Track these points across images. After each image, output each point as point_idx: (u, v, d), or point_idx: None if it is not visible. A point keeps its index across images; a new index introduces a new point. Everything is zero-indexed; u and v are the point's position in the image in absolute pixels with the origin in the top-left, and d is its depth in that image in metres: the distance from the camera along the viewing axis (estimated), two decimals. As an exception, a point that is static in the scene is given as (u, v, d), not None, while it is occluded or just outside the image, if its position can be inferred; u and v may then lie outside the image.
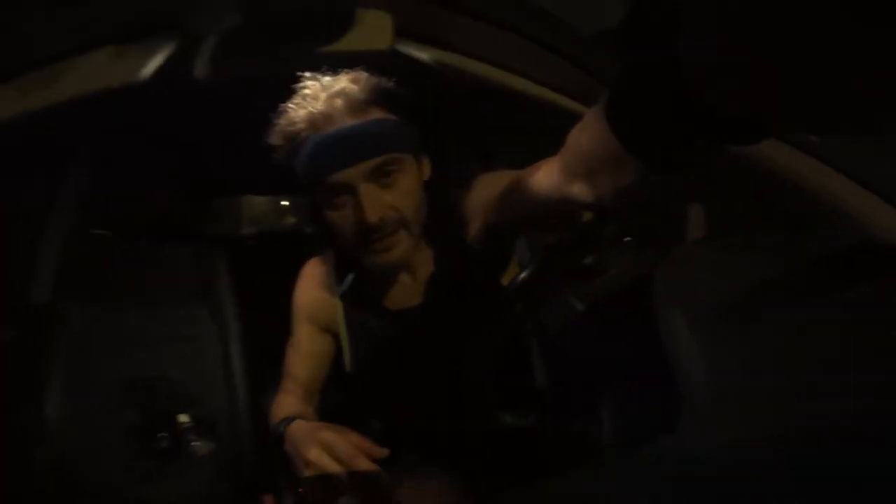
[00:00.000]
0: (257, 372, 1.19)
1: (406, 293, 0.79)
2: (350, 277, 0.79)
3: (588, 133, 0.38)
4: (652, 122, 0.30)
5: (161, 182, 1.46)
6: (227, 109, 1.26)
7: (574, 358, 0.65)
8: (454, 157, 1.36)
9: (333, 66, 0.73)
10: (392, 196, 0.67)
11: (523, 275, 0.56)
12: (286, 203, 2.25)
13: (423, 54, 0.75)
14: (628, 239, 0.59)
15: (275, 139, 0.71)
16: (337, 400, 0.92)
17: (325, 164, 0.65)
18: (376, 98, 0.69)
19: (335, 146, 0.65)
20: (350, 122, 0.66)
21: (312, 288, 0.85)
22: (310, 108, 0.66)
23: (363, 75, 0.70)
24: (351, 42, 0.69)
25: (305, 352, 0.85)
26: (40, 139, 1.18)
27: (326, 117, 0.65)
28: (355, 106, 0.67)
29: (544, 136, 1.24)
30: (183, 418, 1.04)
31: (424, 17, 0.71)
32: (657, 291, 0.40)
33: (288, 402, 0.83)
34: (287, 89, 0.76)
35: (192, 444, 1.02)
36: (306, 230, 2.62)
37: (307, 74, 0.70)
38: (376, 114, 0.68)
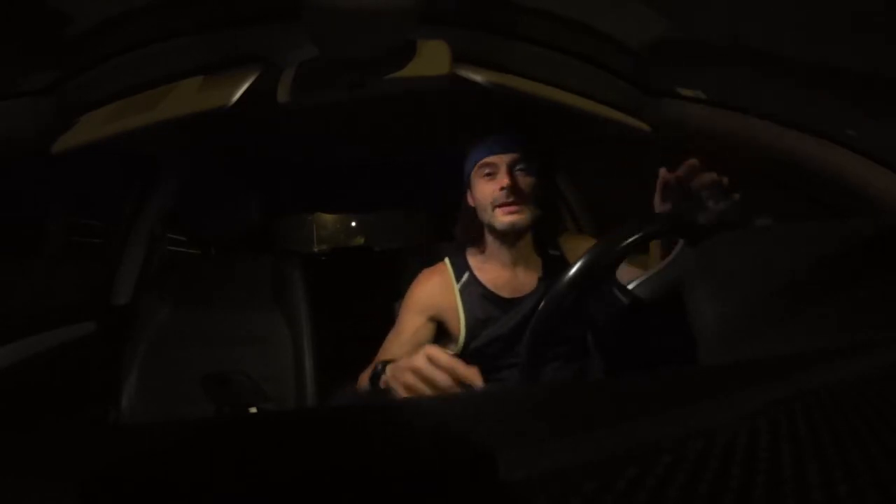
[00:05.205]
0: (326, 373, 1.28)
1: (513, 286, 1.00)
2: (467, 274, 1.01)
3: None
4: None
5: (239, 199, 1.59)
6: (303, 133, 1.38)
7: (621, 348, 0.67)
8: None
9: (399, 90, 0.81)
10: (521, 180, 0.96)
11: (574, 271, 0.59)
12: (354, 223, 2.35)
13: (479, 76, 0.82)
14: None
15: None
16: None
17: (484, 151, 0.98)
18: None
19: (491, 143, 0.98)
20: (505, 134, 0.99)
21: (432, 281, 1.03)
22: None
23: None
24: (414, 69, 0.77)
25: (407, 336, 0.97)
26: (135, 155, 1.34)
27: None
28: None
29: (602, 147, 1.26)
30: (254, 412, 1.11)
31: (479, 44, 0.78)
32: (689, 284, 0.42)
33: None
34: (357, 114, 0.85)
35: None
36: (374, 248, 2.76)
37: None
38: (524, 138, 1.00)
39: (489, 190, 0.97)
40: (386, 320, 1.06)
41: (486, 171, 0.98)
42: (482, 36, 0.77)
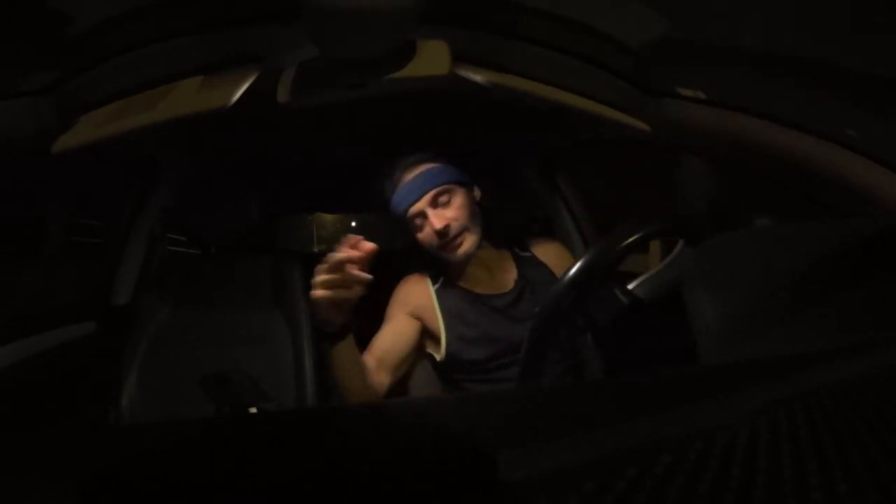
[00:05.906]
0: (325, 374, 1.27)
1: (489, 285, 1.05)
2: (442, 279, 1.07)
3: None
4: None
5: (239, 199, 1.58)
6: (303, 133, 1.38)
7: (621, 348, 0.68)
8: (517, 176, 1.43)
9: (399, 90, 0.82)
10: (450, 212, 0.98)
11: (575, 270, 0.60)
12: (354, 223, 2.34)
13: (478, 77, 0.81)
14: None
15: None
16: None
17: (404, 201, 1.00)
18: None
19: (404, 193, 0.99)
20: (411, 175, 1.00)
21: (412, 285, 1.09)
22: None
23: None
24: (414, 69, 0.77)
25: (391, 330, 1.02)
26: (135, 155, 1.35)
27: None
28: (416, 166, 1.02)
29: (602, 147, 1.26)
30: (254, 412, 1.11)
31: (479, 44, 0.78)
32: (689, 284, 0.42)
33: None
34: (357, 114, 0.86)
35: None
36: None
37: None
38: (429, 166, 1.01)
39: (426, 237, 1.00)
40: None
41: (416, 221, 1.00)
42: (482, 36, 0.77)
